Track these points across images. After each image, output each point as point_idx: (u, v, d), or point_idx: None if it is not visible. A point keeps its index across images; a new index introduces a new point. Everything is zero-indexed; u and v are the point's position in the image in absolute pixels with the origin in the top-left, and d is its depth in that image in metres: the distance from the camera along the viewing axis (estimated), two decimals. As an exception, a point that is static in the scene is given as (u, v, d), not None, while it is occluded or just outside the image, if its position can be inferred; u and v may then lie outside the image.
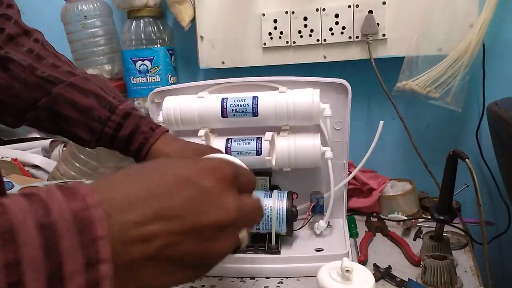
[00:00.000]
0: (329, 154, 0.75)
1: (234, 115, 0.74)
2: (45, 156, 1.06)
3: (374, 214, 0.87)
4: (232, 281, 0.67)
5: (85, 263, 0.21)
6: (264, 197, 0.72)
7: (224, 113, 0.74)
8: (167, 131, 0.61)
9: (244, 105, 0.74)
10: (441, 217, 0.62)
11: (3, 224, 0.20)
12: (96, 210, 0.22)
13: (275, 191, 0.74)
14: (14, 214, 0.20)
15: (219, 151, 0.60)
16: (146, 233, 0.23)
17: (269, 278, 0.67)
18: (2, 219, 0.20)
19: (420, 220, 0.83)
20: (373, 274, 0.62)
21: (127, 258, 0.23)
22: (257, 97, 0.74)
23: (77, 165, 0.99)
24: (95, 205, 0.22)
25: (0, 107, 0.56)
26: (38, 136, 1.13)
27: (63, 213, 0.21)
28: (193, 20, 0.97)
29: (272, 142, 0.73)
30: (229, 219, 0.27)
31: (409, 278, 0.62)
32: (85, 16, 1.01)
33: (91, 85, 0.57)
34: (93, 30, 1.02)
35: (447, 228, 0.67)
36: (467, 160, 0.52)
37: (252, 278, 0.68)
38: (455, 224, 0.76)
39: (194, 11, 0.96)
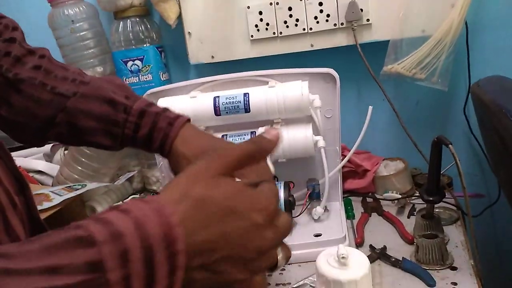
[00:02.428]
0: (321, 143, 0.77)
1: (227, 112, 0.76)
2: (47, 161, 1.09)
3: (370, 194, 0.90)
4: (237, 272, 0.71)
5: (169, 270, 0.28)
6: (261, 189, 0.75)
7: (217, 111, 0.77)
8: (189, 120, 0.58)
9: (236, 102, 0.76)
10: (430, 198, 0.65)
11: (121, 248, 0.26)
12: (179, 229, 0.28)
13: (272, 183, 0.77)
14: (127, 237, 0.26)
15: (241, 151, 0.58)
16: (205, 249, 0.30)
17: (272, 266, 0.71)
18: (121, 243, 0.26)
19: (413, 197, 0.87)
20: (369, 255, 0.66)
21: (191, 266, 0.29)
22: (248, 94, 0.76)
23: (79, 168, 1.01)
24: (178, 225, 0.28)
25: (21, 128, 0.56)
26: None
27: (156, 232, 0.27)
28: (180, 17, 0.98)
29: (265, 136, 0.76)
30: (268, 245, 0.33)
31: (403, 257, 0.66)
32: (72, 21, 1.01)
33: (103, 90, 0.57)
34: (81, 33, 1.03)
35: (439, 203, 0.70)
36: (450, 146, 0.55)
37: (256, 267, 0.71)
38: (447, 199, 0.79)
39: (180, 8, 0.97)
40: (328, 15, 0.88)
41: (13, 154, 1.10)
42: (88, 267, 0.25)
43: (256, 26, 0.93)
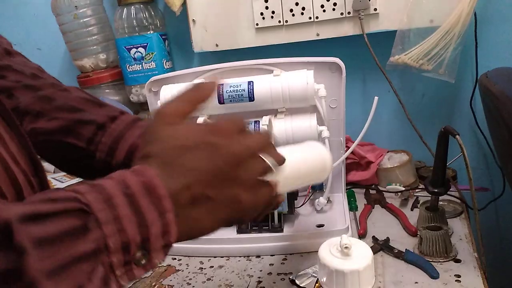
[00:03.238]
0: (326, 133, 0.76)
1: (230, 101, 0.76)
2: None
3: (373, 186, 0.90)
4: (239, 261, 0.71)
5: (158, 214, 0.30)
6: (264, 179, 0.75)
7: (220, 100, 0.76)
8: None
9: (240, 90, 0.75)
10: (435, 190, 0.64)
11: (105, 195, 0.29)
12: (157, 180, 0.31)
13: (275, 172, 0.76)
14: (109, 189, 0.29)
15: None
16: (184, 185, 0.33)
17: (273, 255, 0.71)
18: (103, 192, 0.29)
19: (417, 190, 0.86)
20: (372, 246, 0.65)
21: (179, 205, 0.32)
22: (252, 82, 0.75)
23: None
24: (155, 176, 0.31)
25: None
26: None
27: (136, 184, 0.30)
28: (184, 4, 0.97)
29: (269, 126, 0.75)
30: (240, 151, 0.36)
31: (406, 249, 0.65)
32: (75, 7, 1.01)
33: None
34: (85, 20, 1.02)
35: (443, 196, 0.69)
36: (457, 136, 0.54)
37: (258, 256, 0.71)
38: (451, 192, 0.79)
39: (184, -5, 0.95)
40: (335, 4, 0.87)
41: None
42: (77, 213, 0.27)
43: (262, 14, 0.92)
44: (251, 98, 0.75)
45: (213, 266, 0.70)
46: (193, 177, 0.33)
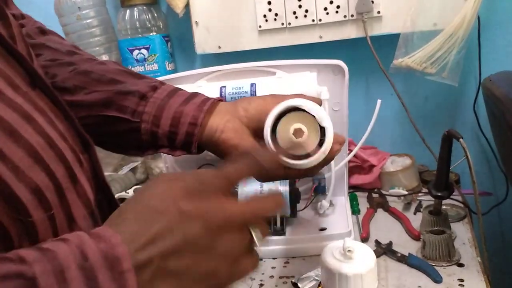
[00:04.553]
0: (328, 136, 0.76)
1: (233, 102, 0.75)
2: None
3: (376, 190, 0.89)
4: (240, 263, 0.70)
5: None
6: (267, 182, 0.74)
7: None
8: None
9: (243, 92, 0.75)
10: (439, 194, 0.64)
11: (56, 267, 0.25)
12: (121, 249, 0.27)
13: (277, 175, 0.76)
14: (62, 259, 0.25)
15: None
16: (147, 257, 0.28)
17: (276, 258, 0.70)
18: (54, 262, 0.25)
19: (420, 194, 0.85)
20: (374, 250, 0.65)
21: (145, 280, 0.27)
22: (255, 84, 0.75)
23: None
24: (120, 243, 0.27)
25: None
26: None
27: (96, 254, 0.26)
28: (187, 6, 0.97)
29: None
30: (218, 220, 0.31)
31: (409, 253, 0.65)
32: (78, 8, 1.00)
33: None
34: (88, 21, 1.02)
35: (446, 200, 0.69)
36: (461, 140, 0.53)
37: (260, 259, 0.70)
38: (454, 197, 0.78)
39: (188, -3, 0.95)
40: (338, 6, 0.87)
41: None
42: (21, 284, 0.23)
43: (265, 16, 0.91)
44: (253, 100, 0.74)
45: (214, 269, 0.69)
46: (163, 247, 0.28)
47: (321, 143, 0.48)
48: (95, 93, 0.49)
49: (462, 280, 0.59)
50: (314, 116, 0.48)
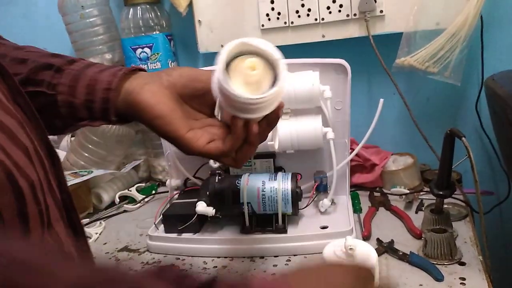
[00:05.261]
0: (330, 135, 0.76)
1: (236, 101, 0.76)
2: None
3: (377, 189, 0.89)
4: (242, 261, 0.70)
5: None
6: (269, 180, 0.75)
7: (226, 100, 0.76)
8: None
9: (245, 91, 0.75)
10: (441, 192, 0.64)
11: None
12: None
13: (279, 173, 0.76)
14: None
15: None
16: None
17: (277, 256, 0.70)
18: None
19: (422, 193, 0.86)
20: (376, 248, 0.65)
21: None
22: (258, 83, 0.75)
23: (86, 154, 1.01)
24: None
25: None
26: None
27: None
28: (190, 5, 0.97)
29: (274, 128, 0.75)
30: None
31: (411, 251, 0.65)
32: (82, 6, 1.01)
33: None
34: (91, 19, 1.03)
35: (448, 199, 0.69)
36: (463, 138, 0.54)
37: (262, 257, 0.71)
38: (455, 196, 0.78)
39: (191, -4, 0.96)
40: (341, 6, 0.87)
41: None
42: None
43: (267, 15, 0.92)
44: (256, 98, 0.75)
45: (216, 266, 0.70)
46: None
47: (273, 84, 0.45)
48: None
49: (463, 279, 0.59)
50: (265, 58, 0.45)
